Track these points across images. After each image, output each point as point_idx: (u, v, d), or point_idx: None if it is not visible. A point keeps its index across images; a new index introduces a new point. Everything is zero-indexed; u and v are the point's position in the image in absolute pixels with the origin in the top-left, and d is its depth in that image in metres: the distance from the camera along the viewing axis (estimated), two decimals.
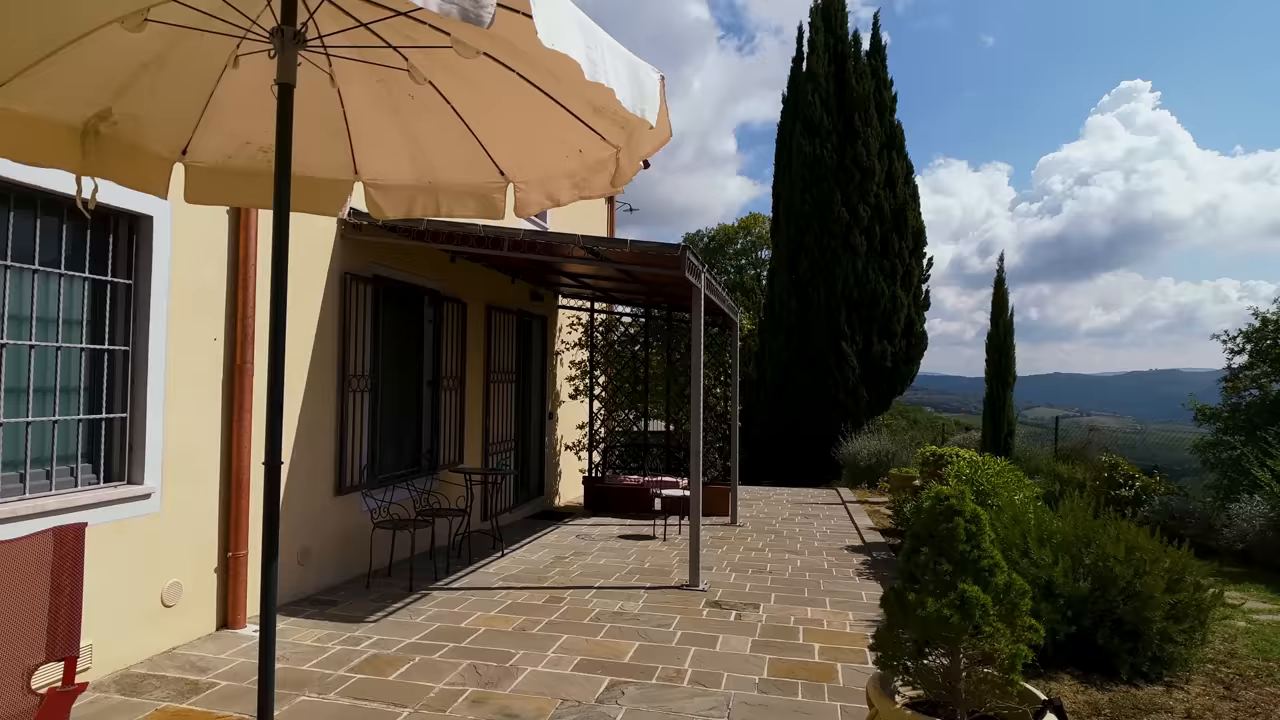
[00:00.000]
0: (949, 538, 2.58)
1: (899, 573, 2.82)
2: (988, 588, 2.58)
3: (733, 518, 9.57)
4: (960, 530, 2.57)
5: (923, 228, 18.00)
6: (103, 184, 2.79)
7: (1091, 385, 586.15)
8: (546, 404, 10.58)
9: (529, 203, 3.20)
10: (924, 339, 17.70)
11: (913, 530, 2.82)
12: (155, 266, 4.33)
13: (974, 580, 2.57)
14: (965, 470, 7.08)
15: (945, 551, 2.58)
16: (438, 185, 3.33)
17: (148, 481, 4.29)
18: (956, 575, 2.58)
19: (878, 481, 13.97)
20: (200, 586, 4.67)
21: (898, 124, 18.09)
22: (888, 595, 2.75)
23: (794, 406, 17.08)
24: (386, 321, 6.83)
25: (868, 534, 8.89)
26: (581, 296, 10.78)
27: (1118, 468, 10.22)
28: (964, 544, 2.57)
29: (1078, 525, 5.25)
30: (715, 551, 7.73)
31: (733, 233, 25.83)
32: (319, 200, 3.34)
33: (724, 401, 10.58)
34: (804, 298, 17.17)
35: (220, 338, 4.81)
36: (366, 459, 6.34)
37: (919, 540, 2.69)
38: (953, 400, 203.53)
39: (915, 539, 2.72)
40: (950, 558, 2.58)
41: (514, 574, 6.56)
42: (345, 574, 6.10)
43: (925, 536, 2.66)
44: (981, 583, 2.57)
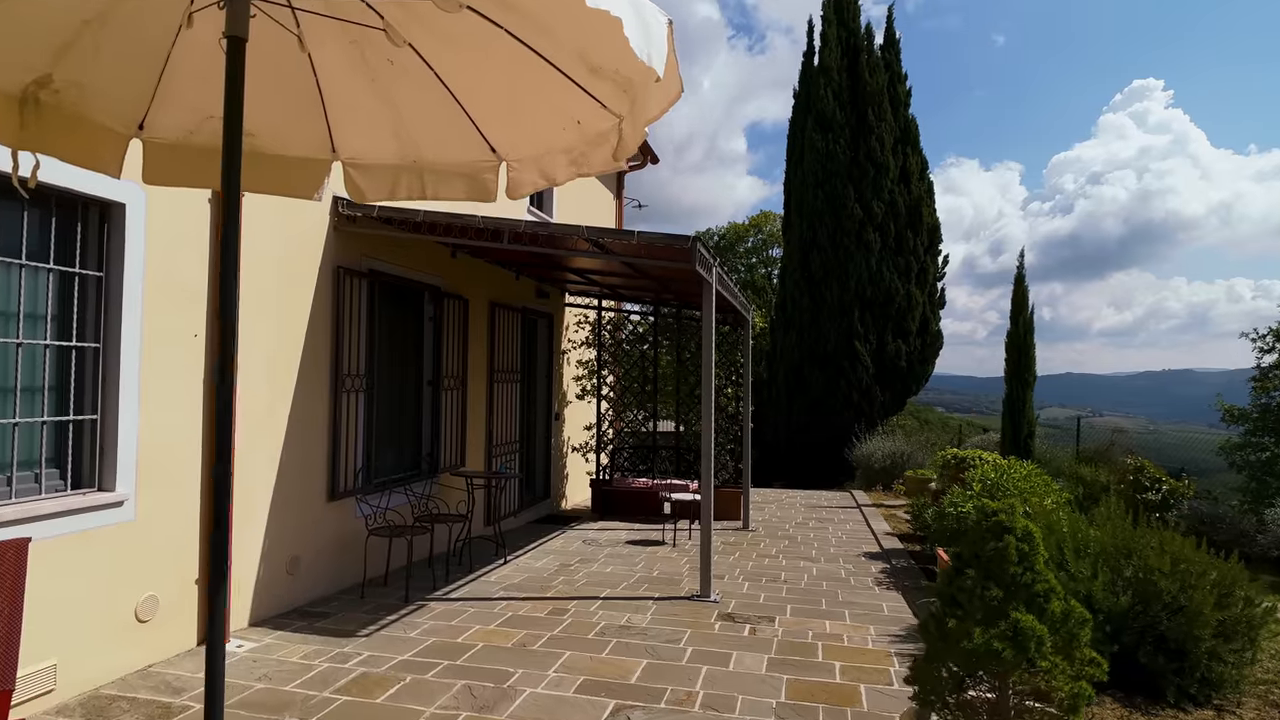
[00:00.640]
0: (998, 559, 2.25)
1: (938, 595, 2.49)
2: (1043, 616, 2.25)
3: (745, 522, 9.24)
4: (1011, 550, 2.24)
5: (938, 224, 17.60)
6: (73, 170, 2.52)
7: (1103, 385, 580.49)
8: (553, 404, 10.28)
9: (522, 183, 2.89)
10: (939, 338, 17.29)
11: (956, 549, 2.48)
12: (128, 258, 4.05)
13: (1027, 607, 2.24)
14: (990, 475, 6.72)
15: (994, 574, 2.25)
16: (423, 164, 3.02)
17: (120, 488, 4.01)
18: (1007, 601, 2.25)
19: (893, 484, 13.61)
20: (179, 600, 4.39)
21: (912, 118, 17.69)
22: (926, 622, 2.42)
23: (806, 407, 16.72)
24: (383, 318, 6.54)
25: (885, 540, 8.54)
26: (589, 294, 10.47)
27: (1144, 470, 9.81)
28: (1016, 566, 2.24)
29: (1116, 534, 4.89)
30: (727, 558, 7.40)
31: (743, 230, 25.44)
32: (291, 181, 3.04)
33: (735, 402, 10.25)
34: (816, 296, 16.80)
35: (201, 334, 4.54)
36: (362, 462, 6.06)
37: (963, 561, 2.36)
38: (964, 400, 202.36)
39: (958, 559, 2.39)
40: (1000, 581, 2.25)
41: (516, 583, 6.26)
42: (339, 583, 5.82)
43: (970, 557, 2.33)
44: (1036, 610, 2.24)
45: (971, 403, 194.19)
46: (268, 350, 5.07)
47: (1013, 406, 13.30)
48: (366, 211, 5.67)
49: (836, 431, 16.12)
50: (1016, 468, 6.93)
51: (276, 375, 5.17)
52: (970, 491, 6.60)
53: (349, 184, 3.06)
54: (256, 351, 4.95)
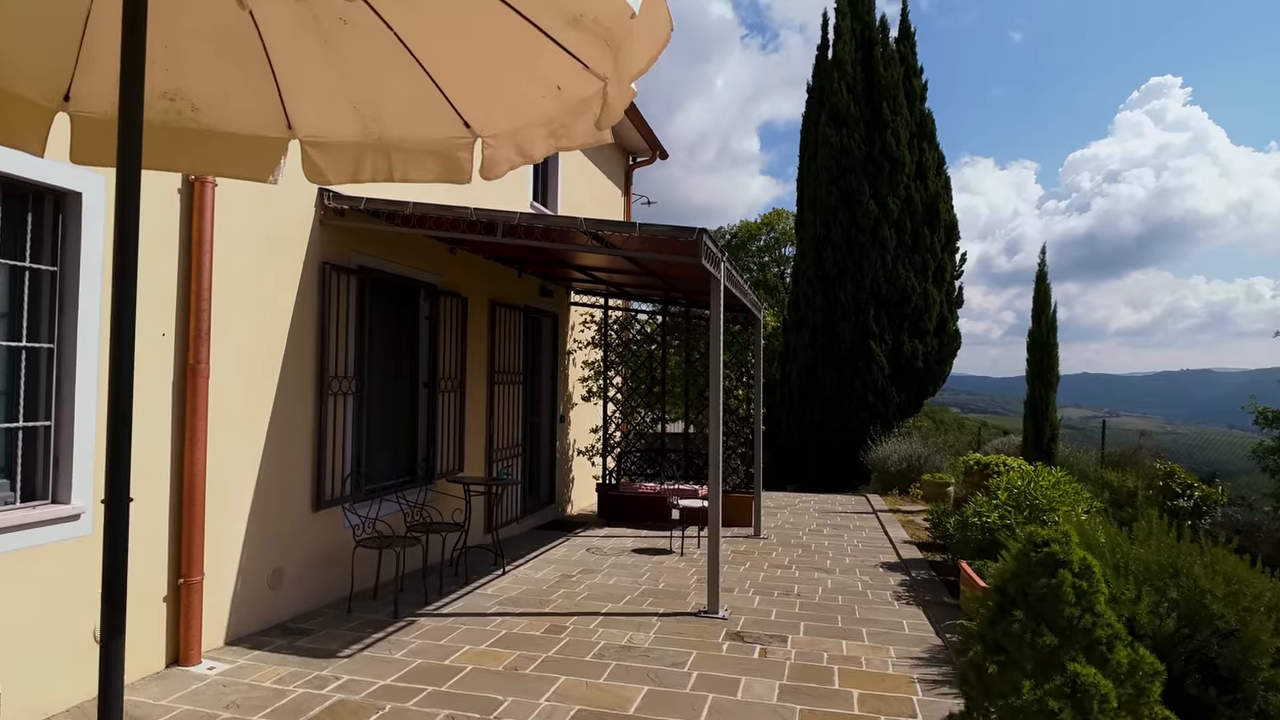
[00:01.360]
0: (1052, 599, 1.89)
1: (977, 638, 2.13)
2: (1105, 667, 1.88)
3: (756, 529, 8.87)
4: (1067, 589, 1.88)
5: (955, 221, 17.12)
6: (22, 157, 2.22)
7: (1119, 385, 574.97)
8: (558, 406, 9.95)
9: (497, 161, 2.55)
10: (957, 338, 16.81)
11: (999, 583, 2.12)
12: (86, 251, 3.75)
13: (1087, 657, 1.87)
14: (1016, 483, 6.32)
15: (1047, 617, 1.89)
16: (389, 141, 2.69)
17: (76, 500, 3.72)
18: (1063, 650, 1.88)
19: (909, 488, 13.17)
20: (144, 619, 4.09)
21: (928, 112, 17.22)
22: (964, 671, 2.06)
23: (820, 408, 16.30)
24: (375, 317, 6.23)
25: (904, 549, 8.14)
26: (595, 292, 10.14)
27: (1174, 475, 9.33)
28: (1073, 607, 1.87)
29: (1159, 551, 4.48)
30: (737, 569, 7.04)
31: (755, 229, 24.99)
32: (243, 162, 2.72)
33: (746, 404, 9.87)
34: (830, 295, 16.38)
35: (170, 333, 4.24)
36: (350, 469, 5.75)
37: (1008, 599, 2.00)
38: (979, 401, 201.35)
39: (1003, 596, 2.02)
40: (1054, 625, 1.89)
41: (513, 596, 5.93)
42: (326, 597, 5.51)
43: (1018, 595, 1.97)
44: (1097, 660, 1.88)
45: (987, 403, 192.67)
46: (245, 351, 4.77)
47: (1035, 408, 12.83)
48: (354, 204, 5.36)
49: (851, 434, 15.69)
50: (1044, 475, 6.52)
51: (255, 377, 4.86)
52: (995, 500, 6.20)
53: (307, 165, 2.73)
54: (231, 352, 4.65)
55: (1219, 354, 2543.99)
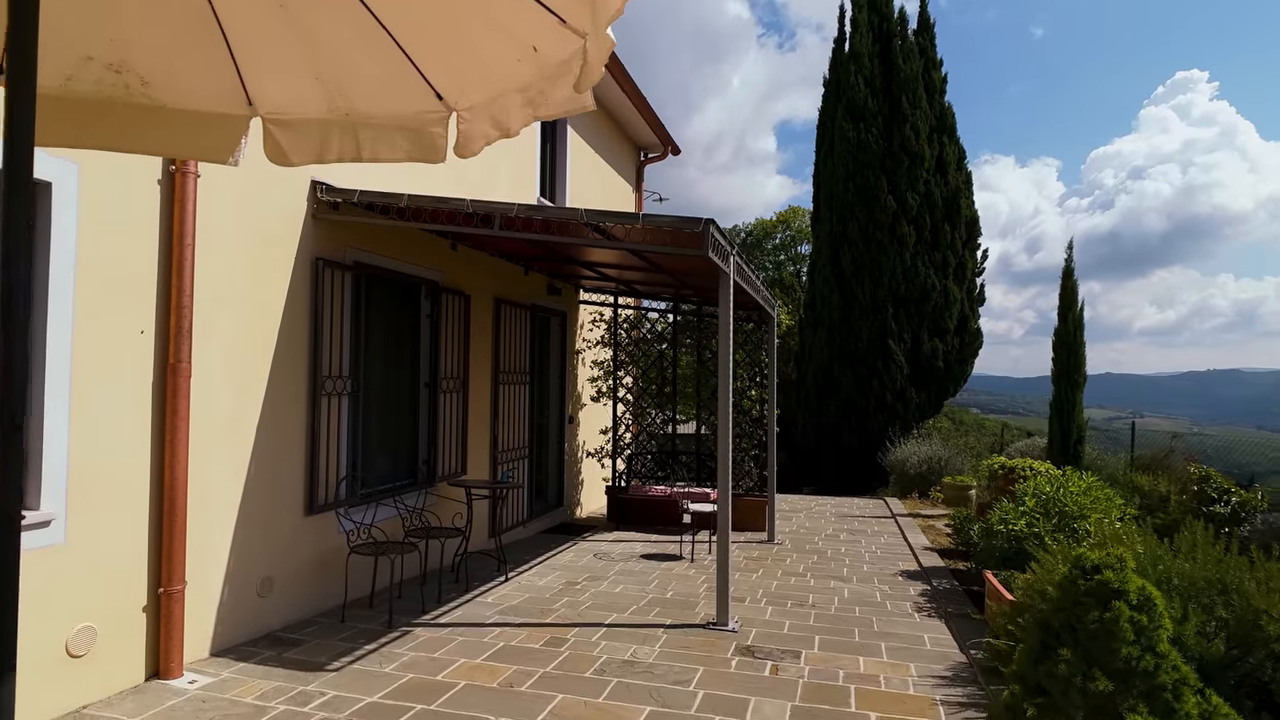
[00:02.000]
0: (1105, 636, 1.61)
1: (1014, 678, 1.84)
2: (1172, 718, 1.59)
3: (770, 534, 8.57)
4: (1124, 624, 1.59)
5: (976, 217, 16.68)
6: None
7: (1144, 386, 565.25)
8: (566, 407, 9.72)
9: (473, 136, 2.30)
10: (978, 337, 16.37)
11: (1041, 616, 1.83)
12: (57, 244, 3.56)
13: (1149, 706, 1.58)
14: (1045, 488, 5.98)
15: (1099, 658, 1.61)
16: (356, 118, 2.46)
17: (46, 506, 3.52)
18: (1120, 697, 1.60)
19: (930, 491, 12.80)
20: (121, 630, 3.89)
21: (948, 106, 16.81)
22: (998, 717, 1.77)
23: (837, 409, 15.94)
24: (373, 315, 6.03)
25: (924, 556, 7.81)
26: (604, 290, 9.90)
27: (1209, 480, 8.91)
28: (1131, 646, 1.59)
29: (1206, 564, 4.15)
30: (749, 577, 6.75)
31: (770, 227, 24.61)
32: (201, 141, 2.50)
33: (760, 405, 9.58)
34: (847, 293, 16.01)
35: (149, 331, 4.04)
36: (346, 472, 5.55)
37: (1051, 634, 1.72)
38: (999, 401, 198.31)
39: (1045, 631, 1.74)
40: (1108, 668, 1.61)
41: (514, 605, 5.69)
42: (320, 605, 5.30)
43: (1063, 629, 1.68)
44: (1161, 711, 1.59)
45: (1008, 404, 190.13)
46: (231, 349, 4.57)
47: (1061, 409, 12.41)
48: (347, 197, 5.15)
49: (869, 435, 15.33)
50: (1074, 480, 6.18)
51: (243, 377, 4.66)
52: (1022, 507, 5.87)
53: (269, 144, 2.50)
54: (216, 350, 4.45)
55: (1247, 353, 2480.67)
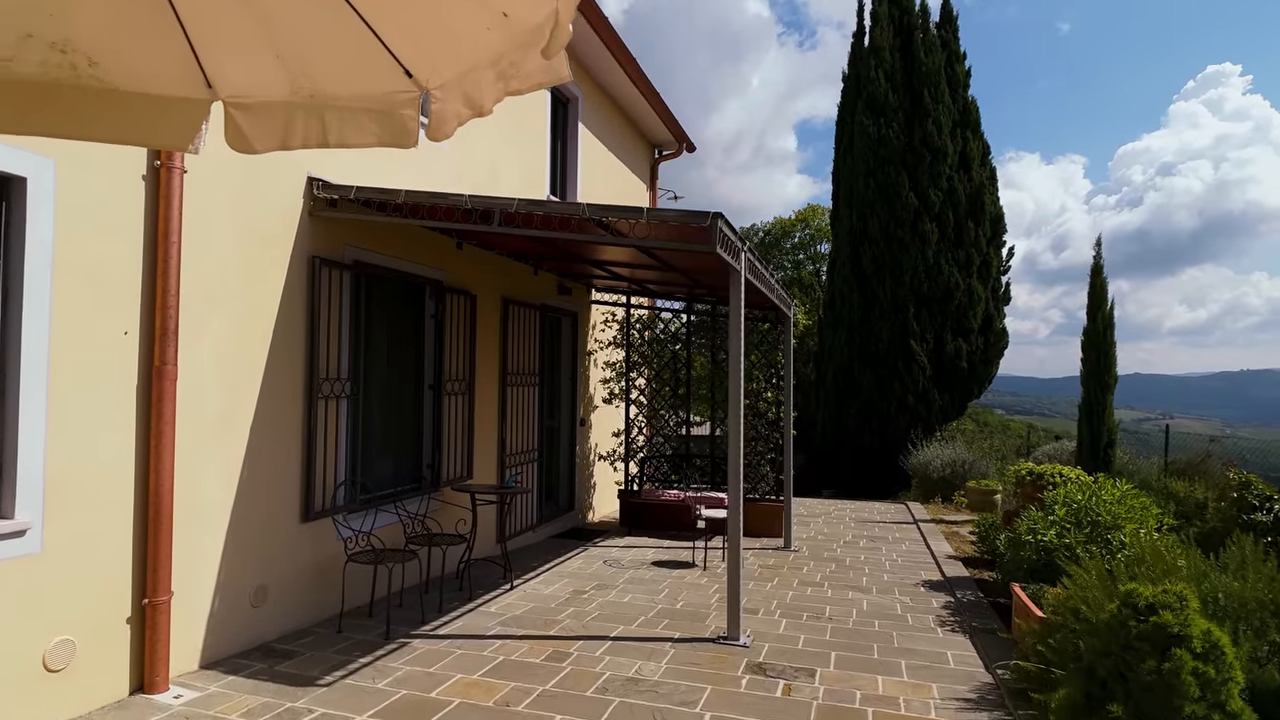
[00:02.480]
0: (1164, 690, 1.35)
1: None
2: None
3: (786, 540, 8.31)
4: (1186, 677, 1.34)
5: (1001, 214, 16.25)
6: None
7: (1174, 386, 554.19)
8: (578, 409, 9.52)
9: (445, 117, 2.10)
10: (1004, 337, 15.93)
11: (1088, 659, 1.58)
12: (32, 242, 3.42)
13: None
14: (1076, 496, 5.66)
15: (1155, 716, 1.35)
16: (322, 100, 2.26)
17: (21, 514, 3.38)
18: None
19: (953, 495, 12.42)
20: (103, 643, 3.75)
21: (972, 100, 16.39)
22: None
23: (857, 410, 15.58)
24: (374, 315, 5.87)
25: (947, 564, 7.50)
26: (617, 290, 9.68)
27: (1250, 486, 8.49)
28: (1195, 703, 1.33)
29: (1257, 583, 3.84)
30: (763, 587, 6.50)
31: (789, 226, 24.24)
32: (158, 128, 2.31)
33: (776, 406, 9.31)
34: (868, 292, 15.66)
35: (134, 332, 3.89)
36: (345, 477, 5.39)
37: (1097, 681, 1.47)
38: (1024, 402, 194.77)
39: (1090, 678, 1.49)
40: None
41: (518, 615, 5.49)
42: (317, 614, 5.15)
43: (1112, 677, 1.43)
44: None
45: (1033, 405, 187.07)
46: (222, 351, 4.42)
47: (1090, 411, 11.99)
48: (343, 194, 4.99)
49: (890, 437, 14.96)
50: (1107, 488, 5.85)
51: (235, 379, 4.51)
52: (1052, 516, 5.56)
53: (230, 130, 2.31)
54: (206, 352, 4.30)
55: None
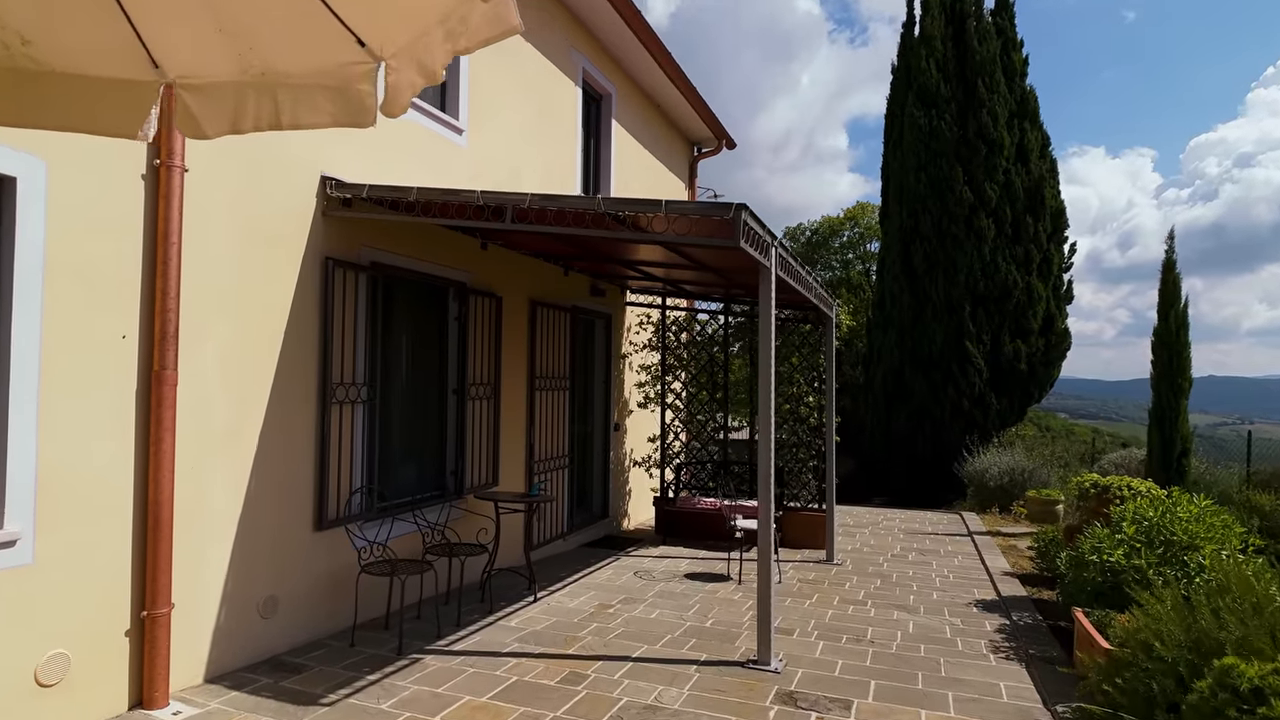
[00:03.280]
0: None
1: None
2: None
3: (829, 553, 7.88)
4: None
5: (1063, 208, 15.38)
6: None
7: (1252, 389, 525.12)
8: (611, 414, 9.27)
9: (400, 88, 1.86)
10: (1066, 337, 15.05)
11: None
12: (21, 243, 3.32)
13: None
14: (1147, 513, 5.12)
15: None
16: (274, 77, 2.05)
17: (11, 524, 3.28)
18: None
19: (1011, 505, 11.73)
20: (100, 657, 3.63)
21: (1030, 89, 15.57)
22: None
23: (909, 415, 14.93)
24: (393, 318, 5.72)
25: (1003, 582, 6.97)
26: (651, 291, 9.40)
27: None
28: None
29: None
30: (801, 604, 6.11)
31: (838, 224, 23.53)
32: (100, 113, 2.14)
33: (818, 411, 8.88)
34: (919, 292, 15.00)
35: (133, 336, 3.78)
36: (361, 484, 5.23)
37: None
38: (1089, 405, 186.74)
39: None
40: None
41: (538, 630, 5.25)
42: (332, 626, 5.00)
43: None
44: None
45: (1098, 408, 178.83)
46: (228, 355, 4.29)
47: (1162, 417, 11.17)
48: (356, 193, 4.84)
49: (944, 443, 14.28)
50: (1183, 504, 5.29)
51: (242, 384, 4.39)
52: (1120, 534, 5.04)
53: (179, 114, 2.12)
54: (210, 356, 4.18)
55: None
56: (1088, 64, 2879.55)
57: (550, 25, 7.71)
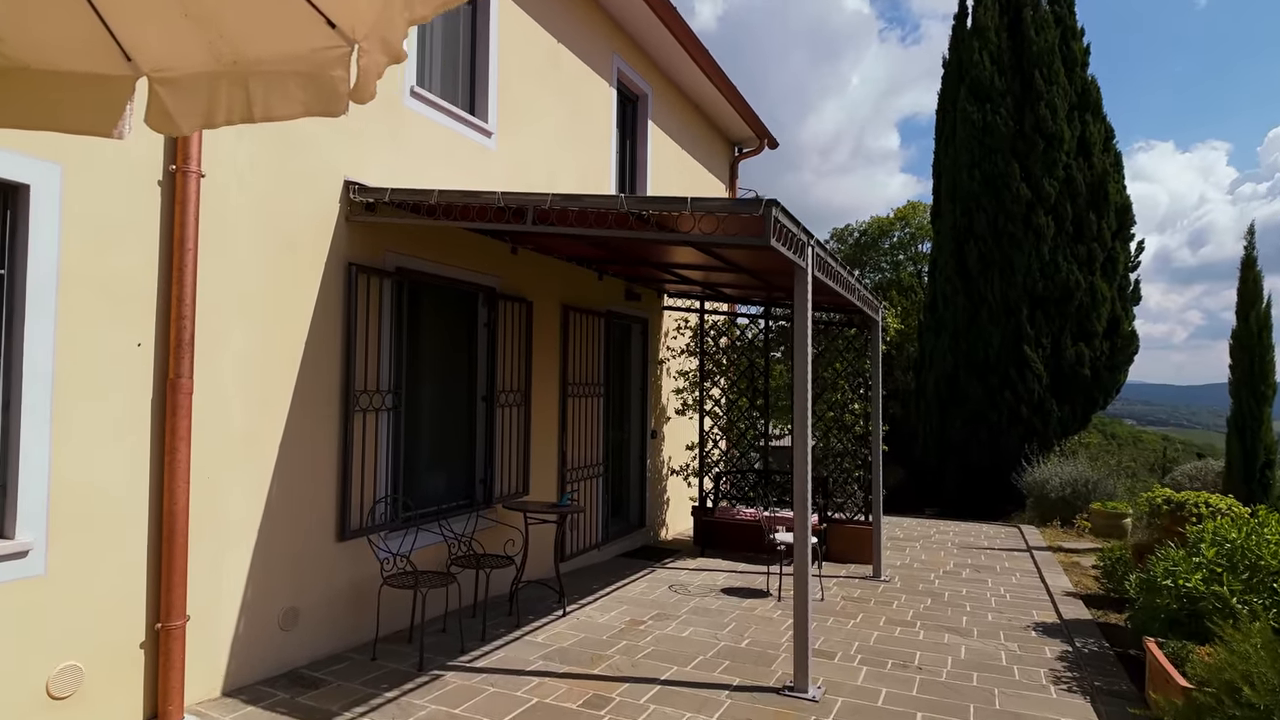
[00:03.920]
0: None
1: None
2: None
3: (876, 569, 7.50)
4: None
5: (1128, 204, 14.54)
6: None
7: None
8: (648, 421, 9.05)
9: (369, 72, 1.69)
10: (1133, 340, 14.22)
11: None
12: (36, 251, 3.30)
13: None
14: (1230, 534, 4.65)
15: None
16: (245, 66, 1.90)
17: (23, 534, 3.24)
18: None
19: (1074, 519, 11.07)
20: (114, 669, 3.58)
21: (1091, 80, 14.80)
22: None
23: (963, 422, 14.29)
24: (420, 324, 5.63)
25: (1066, 604, 6.50)
26: (689, 295, 9.16)
27: None
28: None
29: None
30: (844, 625, 5.78)
31: (887, 225, 22.82)
32: (74, 111, 2.03)
33: (864, 419, 8.50)
34: (974, 293, 14.37)
35: (149, 343, 3.74)
36: (385, 494, 5.14)
37: None
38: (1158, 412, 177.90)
39: None
40: None
41: (564, 647, 5.06)
42: (355, 638, 4.90)
43: None
44: None
45: (1168, 414, 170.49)
46: (248, 363, 4.23)
47: (1242, 426, 10.41)
48: (379, 197, 4.75)
49: (1001, 452, 13.62)
50: (1271, 524, 4.79)
51: (262, 391, 4.32)
52: (1199, 557, 4.58)
53: (152, 109, 1.99)
54: (229, 363, 4.12)
55: None
56: (1155, 55, 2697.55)
57: (585, 25, 7.57)
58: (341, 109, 1.84)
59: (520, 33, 6.61)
